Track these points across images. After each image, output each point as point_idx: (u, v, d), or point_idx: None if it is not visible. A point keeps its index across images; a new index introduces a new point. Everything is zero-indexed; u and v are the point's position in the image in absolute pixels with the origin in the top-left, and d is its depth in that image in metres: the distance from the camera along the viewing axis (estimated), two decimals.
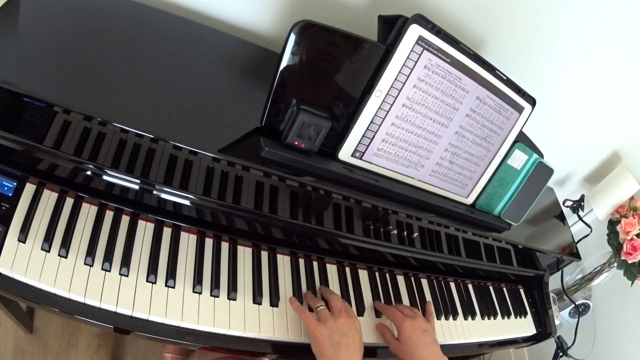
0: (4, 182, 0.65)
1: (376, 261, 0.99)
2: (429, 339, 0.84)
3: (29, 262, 0.63)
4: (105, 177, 0.69)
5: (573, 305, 1.41)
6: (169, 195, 0.73)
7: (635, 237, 1.23)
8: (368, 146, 0.79)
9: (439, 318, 1.01)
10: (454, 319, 1.04)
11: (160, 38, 0.81)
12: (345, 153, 0.79)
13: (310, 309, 0.81)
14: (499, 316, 1.14)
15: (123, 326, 0.67)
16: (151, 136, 0.64)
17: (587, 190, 1.41)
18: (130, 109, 0.67)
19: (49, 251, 0.65)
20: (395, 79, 0.75)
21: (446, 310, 1.03)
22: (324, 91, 0.74)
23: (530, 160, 0.97)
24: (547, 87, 1.11)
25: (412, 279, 1.03)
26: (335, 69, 0.73)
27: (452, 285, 1.10)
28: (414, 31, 0.72)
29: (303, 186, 0.76)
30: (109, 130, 0.64)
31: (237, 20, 0.95)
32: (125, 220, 0.74)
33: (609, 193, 1.30)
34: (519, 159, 0.96)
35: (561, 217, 1.30)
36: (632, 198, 1.28)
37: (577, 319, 1.37)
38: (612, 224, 1.32)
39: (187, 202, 0.75)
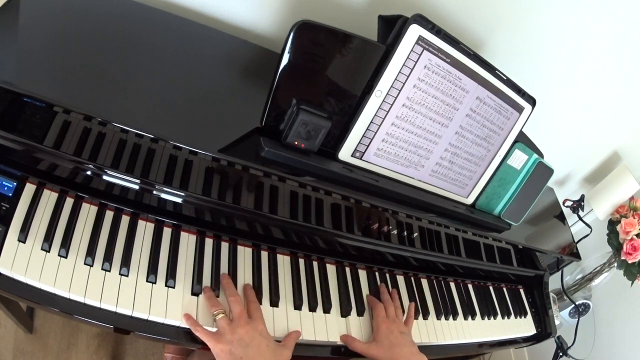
0: (4, 182, 0.65)
1: (376, 261, 0.99)
2: (406, 339, 0.85)
3: (29, 262, 0.63)
4: (105, 177, 0.69)
5: (573, 305, 1.41)
6: (169, 195, 0.73)
7: (635, 237, 1.23)
8: (368, 146, 0.79)
9: (439, 318, 1.01)
10: (454, 319, 1.04)
11: (160, 38, 0.81)
12: (345, 153, 0.79)
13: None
14: (499, 316, 1.14)
15: (123, 326, 0.67)
16: (151, 136, 0.64)
17: (587, 190, 1.41)
18: (130, 109, 0.67)
19: (49, 251, 0.65)
20: (395, 79, 0.75)
21: (446, 310, 1.03)
22: (324, 91, 0.74)
23: (530, 160, 0.97)
24: (548, 87, 1.11)
25: (412, 279, 1.03)
26: (335, 69, 0.73)
27: (452, 285, 1.10)
28: (414, 31, 0.72)
29: (303, 186, 0.76)
30: (109, 130, 0.64)
31: (237, 20, 0.95)
32: (125, 220, 0.74)
33: (609, 193, 1.30)
34: (519, 159, 0.96)
35: (561, 217, 1.30)
36: (632, 198, 1.29)
37: (577, 319, 1.37)
38: (612, 224, 1.32)
39: (187, 202, 0.75)
